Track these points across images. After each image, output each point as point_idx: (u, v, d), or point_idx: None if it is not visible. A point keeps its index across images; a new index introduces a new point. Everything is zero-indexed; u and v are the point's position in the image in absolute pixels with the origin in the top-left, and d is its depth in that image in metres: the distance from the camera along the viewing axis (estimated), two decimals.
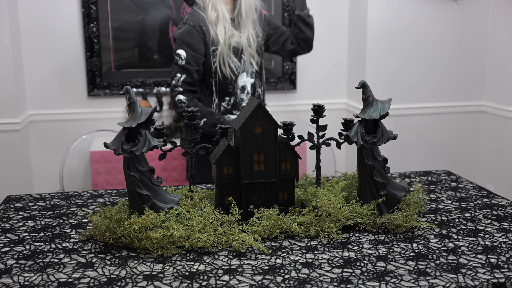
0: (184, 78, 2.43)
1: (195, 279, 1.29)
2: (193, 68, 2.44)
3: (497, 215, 1.69)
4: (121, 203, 1.59)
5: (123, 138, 1.46)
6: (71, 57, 3.41)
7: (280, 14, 3.59)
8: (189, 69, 2.43)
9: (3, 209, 1.75)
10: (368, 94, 1.57)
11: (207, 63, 2.48)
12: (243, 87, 2.55)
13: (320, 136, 1.72)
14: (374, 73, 3.42)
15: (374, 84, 3.22)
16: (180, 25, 2.49)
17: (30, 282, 1.28)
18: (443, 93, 3.56)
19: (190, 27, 2.45)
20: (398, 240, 1.50)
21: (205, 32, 2.45)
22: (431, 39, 3.46)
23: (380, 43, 3.40)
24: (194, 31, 2.44)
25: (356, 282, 1.27)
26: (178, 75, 2.43)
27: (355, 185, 1.74)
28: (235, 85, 2.53)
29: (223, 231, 1.46)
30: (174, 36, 2.49)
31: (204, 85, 2.53)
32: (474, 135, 3.65)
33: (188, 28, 2.45)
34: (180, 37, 2.45)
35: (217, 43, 2.47)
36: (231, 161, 1.54)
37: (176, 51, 2.45)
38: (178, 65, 2.44)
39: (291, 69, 3.66)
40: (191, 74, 2.44)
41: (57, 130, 3.44)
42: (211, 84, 2.51)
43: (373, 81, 3.35)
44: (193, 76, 2.45)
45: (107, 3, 3.38)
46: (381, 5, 3.36)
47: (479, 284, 1.26)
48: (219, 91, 2.52)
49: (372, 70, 3.42)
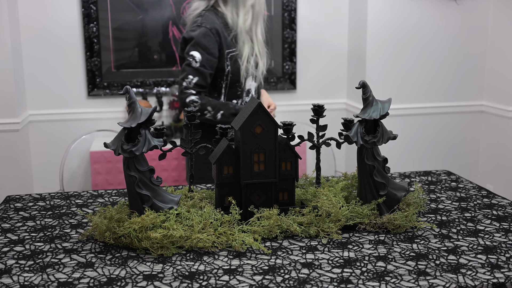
0: (196, 80, 2.40)
1: (195, 279, 1.29)
2: (207, 71, 2.42)
3: (497, 215, 1.69)
4: (121, 203, 1.58)
5: (123, 138, 1.46)
6: (71, 57, 3.41)
7: (280, 14, 3.59)
8: (203, 72, 2.41)
9: (3, 209, 1.75)
10: (368, 94, 1.57)
11: (220, 66, 2.47)
12: (248, 91, 2.56)
13: (320, 136, 1.72)
14: (374, 73, 3.42)
15: (374, 84, 3.22)
16: (194, 27, 2.44)
17: (30, 282, 1.28)
18: (443, 93, 3.56)
19: (207, 30, 2.42)
20: (398, 240, 1.50)
21: (220, 36, 2.44)
22: (431, 39, 3.46)
23: (380, 43, 3.40)
24: (210, 34, 2.42)
25: (356, 282, 1.27)
26: (190, 77, 2.40)
27: (355, 185, 1.74)
28: (243, 88, 2.54)
29: (223, 231, 1.46)
30: (188, 37, 2.45)
31: (212, 87, 2.52)
32: (474, 135, 3.65)
33: (205, 31, 2.42)
34: (196, 39, 2.41)
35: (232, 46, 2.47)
36: (231, 161, 1.54)
37: (189, 52, 2.41)
38: (191, 67, 2.40)
39: (291, 69, 3.66)
40: (205, 77, 2.42)
41: (57, 130, 3.44)
42: (221, 86, 2.50)
43: (373, 81, 3.35)
44: (207, 79, 2.43)
45: (107, 3, 3.38)
46: (381, 5, 3.36)
47: (479, 284, 1.26)
48: (228, 93, 2.52)
49: (372, 70, 3.42)
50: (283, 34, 3.61)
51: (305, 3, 3.61)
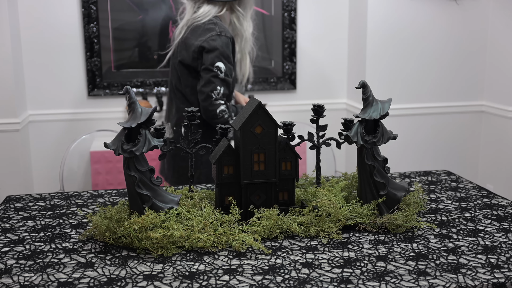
0: (223, 91, 2.44)
1: (195, 279, 1.29)
2: (230, 80, 2.47)
3: (497, 215, 1.69)
4: (121, 203, 1.59)
5: (123, 138, 1.46)
6: (71, 57, 3.41)
7: (280, 14, 3.59)
8: (228, 82, 2.45)
9: (3, 209, 1.75)
10: (368, 94, 1.57)
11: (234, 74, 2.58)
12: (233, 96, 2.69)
13: (320, 136, 1.72)
14: (374, 73, 3.42)
15: (374, 84, 3.22)
16: (214, 37, 2.42)
17: (30, 282, 1.28)
18: (443, 93, 3.56)
19: (228, 40, 2.45)
20: (398, 240, 1.50)
21: (234, 45, 2.52)
22: (431, 39, 3.46)
23: (380, 43, 3.40)
24: (229, 44, 2.46)
25: (356, 282, 1.27)
26: (219, 88, 2.42)
27: (355, 185, 1.74)
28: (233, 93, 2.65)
29: (223, 231, 1.46)
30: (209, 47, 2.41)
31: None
32: (474, 135, 3.65)
33: (226, 41, 2.44)
34: (221, 50, 2.41)
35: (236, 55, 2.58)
36: (231, 161, 1.54)
37: (215, 63, 2.41)
38: (218, 78, 2.42)
39: (291, 69, 3.66)
40: (229, 86, 2.48)
41: (57, 130, 3.44)
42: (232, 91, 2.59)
43: (373, 81, 3.35)
44: (230, 88, 2.49)
45: (107, 3, 3.38)
46: (381, 5, 3.36)
47: (479, 284, 1.26)
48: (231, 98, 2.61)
49: (372, 70, 3.42)
50: (283, 34, 3.61)
51: (305, 3, 3.61)
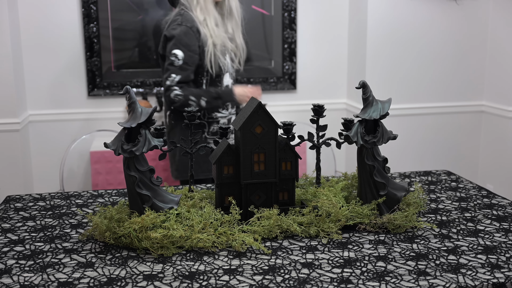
0: (179, 78, 2.49)
1: (195, 279, 1.29)
2: (190, 68, 2.51)
3: (497, 215, 1.69)
4: (121, 203, 1.59)
5: (123, 138, 1.46)
6: (71, 57, 3.41)
7: (280, 15, 3.59)
8: (186, 69, 2.50)
9: (3, 209, 1.75)
10: (368, 94, 1.57)
11: (200, 63, 2.56)
12: (227, 86, 2.66)
13: (320, 136, 1.72)
14: (374, 73, 3.42)
15: (374, 84, 3.22)
16: (175, 26, 2.53)
17: (30, 282, 1.28)
18: (443, 93, 3.56)
19: (187, 28, 2.51)
20: (398, 240, 1.50)
21: (200, 33, 2.53)
22: (431, 39, 3.46)
23: (380, 43, 3.40)
24: (191, 32, 2.51)
25: (356, 282, 1.27)
26: (173, 76, 2.48)
27: (355, 185, 1.74)
28: (221, 84, 2.63)
29: (223, 231, 1.46)
30: (169, 35, 2.53)
31: (194, 84, 2.60)
32: (474, 135, 3.65)
33: (185, 29, 2.50)
34: (177, 38, 2.49)
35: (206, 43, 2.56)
36: (231, 161, 1.54)
37: (172, 51, 2.49)
38: (174, 66, 2.49)
39: (291, 69, 3.66)
40: (188, 74, 2.51)
41: (57, 130, 3.44)
42: (202, 82, 2.59)
43: (373, 81, 3.35)
44: (189, 76, 2.52)
45: (107, 3, 3.38)
46: (381, 5, 3.36)
47: (479, 284, 1.26)
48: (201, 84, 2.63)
49: (372, 70, 3.42)
50: (283, 34, 3.61)
51: (305, 3, 3.61)
